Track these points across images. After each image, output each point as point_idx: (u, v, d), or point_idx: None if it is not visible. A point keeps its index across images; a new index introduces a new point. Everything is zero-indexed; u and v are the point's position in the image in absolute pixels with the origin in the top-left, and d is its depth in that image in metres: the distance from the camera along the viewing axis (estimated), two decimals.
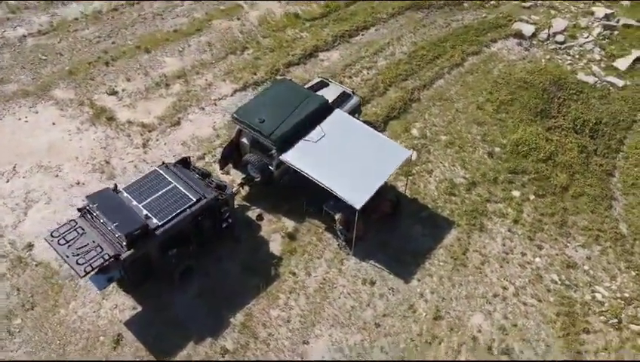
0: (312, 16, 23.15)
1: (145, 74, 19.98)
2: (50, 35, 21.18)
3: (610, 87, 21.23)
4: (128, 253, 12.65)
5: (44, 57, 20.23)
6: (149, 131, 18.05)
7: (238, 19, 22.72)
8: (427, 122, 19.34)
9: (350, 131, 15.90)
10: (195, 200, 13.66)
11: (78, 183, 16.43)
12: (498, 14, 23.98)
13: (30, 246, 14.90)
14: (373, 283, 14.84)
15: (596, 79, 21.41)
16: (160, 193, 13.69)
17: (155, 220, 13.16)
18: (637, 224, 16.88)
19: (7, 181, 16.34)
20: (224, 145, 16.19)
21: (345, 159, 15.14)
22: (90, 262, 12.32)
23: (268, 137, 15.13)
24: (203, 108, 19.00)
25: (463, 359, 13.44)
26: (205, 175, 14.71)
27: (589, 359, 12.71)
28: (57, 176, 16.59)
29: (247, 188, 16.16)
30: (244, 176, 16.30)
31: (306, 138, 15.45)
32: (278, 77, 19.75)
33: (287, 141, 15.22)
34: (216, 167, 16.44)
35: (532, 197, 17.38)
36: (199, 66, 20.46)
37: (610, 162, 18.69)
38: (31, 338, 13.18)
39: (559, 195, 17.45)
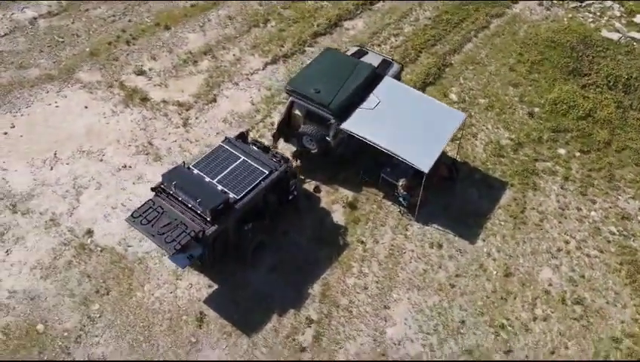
0: None
1: (169, 51, 20.40)
2: (61, 15, 21.32)
3: (635, 43, 22.69)
4: (213, 228, 13.34)
5: (60, 39, 20.41)
6: (187, 110, 18.59)
7: None
8: (463, 86, 20.40)
9: (403, 97, 16.84)
10: (267, 173, 14.40)
11: (125, 166, 16.92)
12: None
13: (90, 232, 15.39)
14: (440, 246, 15.91)
15: (620, 35, 22.85)
16: (231, 168, 14.37)
17: (231, 195, 13.86)
18: None
19: (52, 168, 16.70)
20: (278, 119, 16.86)
21: (403, 125, 16.08)
22: (179, 239, 12.97)
23: (327, 107, 15.91)
24: (237, 84, 19.60)
25: (539, 312, 14.66)
26: (266, 148, 15.43)
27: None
28: (102, 160, 17.03)
29: (299, 161, 16.93)
30: (296, 148, 17.04)
31: (362, 106, 16.28)
32: (310, 48, 20.50)
33: (345, 110, 16.05)
34: (265, 141, 17.16)
35: (577, 153, 18.71)
36: (224, 41, 20.98)
37: None
38: (113, 322, 13.78)
39: (603, 151, 18.82)
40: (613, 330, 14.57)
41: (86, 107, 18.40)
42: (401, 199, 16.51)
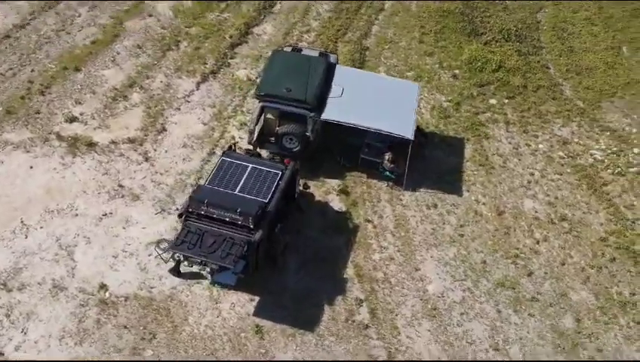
0: None
1: (92, 92, 20.95)
2: None
3: (506, 0, 27.62)
4: (258, 234, 14.77)
5: None
6: (141, 145, 19.43)
7: (150, 15, 24.37)
8: (388, 65, 23.57)
9: (359, 80, 19.48)
10: (280, 173, 16.11)
11: (105, 214, 17.44)
12: None
13: (103, 286, 15.84)
14: (436, 206, 18.74)
15: None
16: (245, 177, 15.85)
17: (259, 200, 15.40)
18: (585, 98, 23.21)
19: (26, 236, 16.71)
20: (252, 128, 18.42)
21: (372, 104, 18.69)
22: (233, 252, 14.25)
23: (304, 102, 17.98)
24: (179, 109, 20.80)
25: (538, 236, 18.08)
26: (258, 155, 17.09)
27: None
28: (77, 215, 17.37)
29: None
30: (270, 152, 18.79)
31: (331, 96, 18.60)
32: (233, 60, 22.32)
33: (319, 102, 18.26)
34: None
35: (506, 100, 22.73)
36: (144, 70, 21.97)
37: (542, 58, 24.91)
38: (175, 359, 14.56)
39: (524, 94, 23.06)
40: (597, 233, 18.44)
41: (31, 167, 18.42)
42: (388, 173, 19.03)
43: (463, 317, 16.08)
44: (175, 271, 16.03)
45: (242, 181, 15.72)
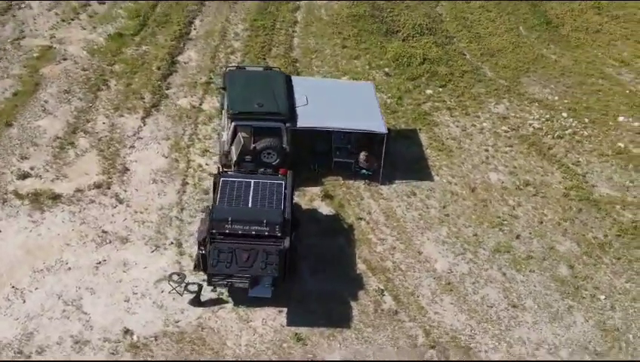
0: (132, 30, 26.83)
1: (34, 145, 21.32)
2: None
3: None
4: (287, 241, 16.34)
5: None
6: (108, 188, 20.19)
7: (65, 59, 24.96)
8: (322, 73, 25.95)
9: (318, 87, 21.67)
10: (283, 183, 17.78)
11: (100, 262, 18.10)
12: None
13: (128, 331, 16.56)
14: (414, 194, 21.25)
15: None
16: (252, 192, 17.31)
17: (276, 209, 16.97)
18: (505, 76, 27.01)
19: (24, 301, 16.98)
20: (234, 150, 19.79)
21: (338, 107, 20.91)
22: (271, 262, 15.71)
23: (279, 114, 19.79)
24: (133, 146, 21.73)
25: (512, 202, 21.13)
26: (251, 171, 18.63)
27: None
28: (70, 268, 17.87)
29: None
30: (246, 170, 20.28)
31: (298, 105, 20.58)
32: (169, 90, 23.61)
33: (292, 113, 20.17)
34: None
35: (440, 89, 25.93)
36: (81, 114, 22.63)
37: (456, 47, 28.55)
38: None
39: (453, 81, 26.41)
40: (559, 191, 21.85)
41: (0, 231, 18.57)
42: (364, 171, 21.26)
43: (476, 286, 18.55)
44: (196, 301, 17.06)
45: (250, 196, 17.15)
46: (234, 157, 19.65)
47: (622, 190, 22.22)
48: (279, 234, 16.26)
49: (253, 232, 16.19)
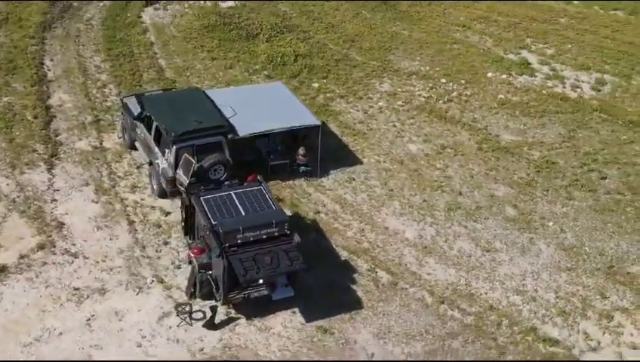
0: None
1: None
2: None
3: (244, 4, 34.40)
4: (297, 237, 18.85)
5: None
6: (53, 246, 20.98)
7: None
8: (205, 86, 28.36)
9: (234, 96, 24.22)
10: (261, 187, 20.19)
11: (90, 319, 19.06)
12: None
13: None
14: (353, 179, 24.60)
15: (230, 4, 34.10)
16: (237, 202, 19.47)
17: (273, 210, 19.38)
18: (374, 57, 31.48)
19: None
20: (186, 170, 21.53)
21: (264, 111, 23.61)
22: (294, 259, 18.15)
23: (222, 127, 22.05)
24: (55, 200, 22.60)
25: (444, 166, 25.40)
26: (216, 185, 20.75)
27: None
28: (61, 333, 18.65)
29: None
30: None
31: (228, 116, 23.01)
32: (61, 137, 24.72)
33: (229, 124, 22.55)
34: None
35: (324, 80, 29.64)
36: None
37: (318, 39, 32.48)
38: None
39: (331, 70, 30.26)
40: (473, 146, 26.58)
41: None
42: (303, 168, 24.19)
43: (448, 243, 22.37)
44: (212, 325, 18.87)
45: (239, 206, 19.31)
46: (185, 180, 21.42)
47: (521, 134, 27.52)
48: (288, 232, 18.68)
49: (264, 236, 18.43)
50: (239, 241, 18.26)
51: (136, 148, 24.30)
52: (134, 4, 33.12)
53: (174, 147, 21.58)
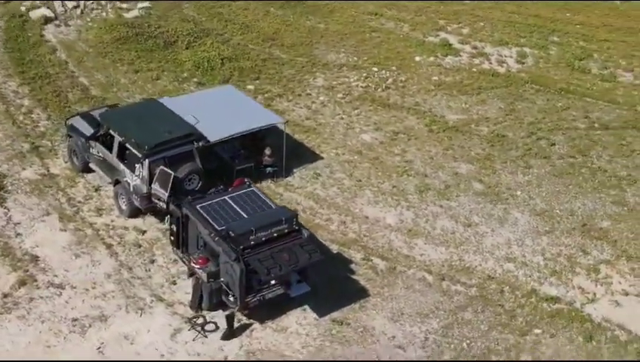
0: None
1: None
2: None
3: (150, 12, 35.39)
4: (306, 231, 20.44)
5: None
6: (35, 281, 21.39)
7: None
8: (137, 99, 29.30)
9: (190, 103, 25.39)
10: (253, 189, 21.61)
11: (100, 347, 19.77)
12: None
13: None
14: (319, 175, 26.33)
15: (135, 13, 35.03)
16: (235, 205, 20.80)
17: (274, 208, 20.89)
18: (299, 53, 33.42)
19: None
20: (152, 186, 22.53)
21: (225, 115, 24.97)
22: (311, 251, 19.73)
23: (192, 134, 23.21)
24: (20, 234, 22.97)
25: (402, 147, 27.66)
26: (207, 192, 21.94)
27: None
28: None
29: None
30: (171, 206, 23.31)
31: (194, 124, 24.19)
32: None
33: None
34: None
35: (257, 82, 31.26)
36: None
37: (239, 40, 34.03)
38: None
39: (261, 70, 31.92)
40: (423, 129, 29.03)
41: None
42: (269, 169, 25.70)
43: (429, 223, 24.57)
44: (230, 334, 20.07)
45: (238, 209, 20.64)
46: (164, 193, 22.36)
47: (464, 112, 30.30)
48: (297, 227, 20.23)
49: (275, 234, 19.85)
50: (252, 243, 19.56)
51: (90, 171, 24.90)
52: (32, 22, 33.24)
53: (147, 161, 22.49)
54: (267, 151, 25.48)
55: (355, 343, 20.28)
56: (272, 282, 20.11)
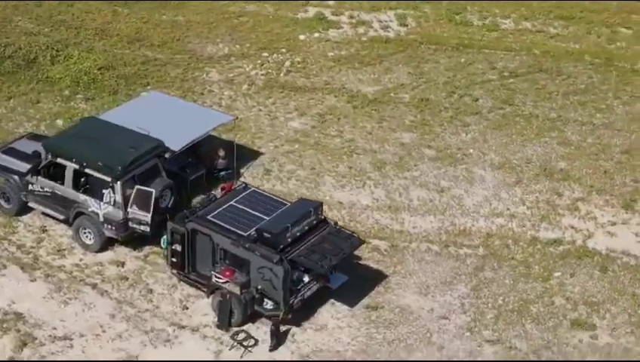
0: None
1: None
2: None
3: None
4: (332, 221, 22.52)
5: None
6: (34, 339, 21.64)
7: None
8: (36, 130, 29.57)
9: (131, 114, 26.43)
10: (252, 188, 23.28)
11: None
12: None
13: None
14: (269, 170, 28.25)
15: None
16: (248, 208, 22.39)
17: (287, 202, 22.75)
18: (175, 52, 34.87)
19: None
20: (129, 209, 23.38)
21: (174, 121, 26.24)
22: (352, 236, 21.90)
23: (158, 147, 24.28)
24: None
25: (347, 135, 30.17)
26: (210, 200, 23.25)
27: None
28: None
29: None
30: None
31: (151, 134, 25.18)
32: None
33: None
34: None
35: (163, 87, 32.44)
36: None
37: (106, 45, 34.82)
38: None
39: (161, 71, 33.08)
40: (347, 104, 31.75)
41: None
42: (223, 173, 27.20)
43: (405, 196, 27.29)
44: (278, 343, 21.64)
45: (253, 211, 22.23)
46: (146, 215, 23.26)
47: (377, 83, 33.64)
48: (323, 217, 22.23)
49: (307, 227, 21.74)
50: (290, 240, 21.29)
51: (29, 210, 25.11)
52: None
53: (118, 183, 23.30)
54: (221, 153, 26.95)
55: (399, 324, 22.59)
56: (306, 279, 21.89)
